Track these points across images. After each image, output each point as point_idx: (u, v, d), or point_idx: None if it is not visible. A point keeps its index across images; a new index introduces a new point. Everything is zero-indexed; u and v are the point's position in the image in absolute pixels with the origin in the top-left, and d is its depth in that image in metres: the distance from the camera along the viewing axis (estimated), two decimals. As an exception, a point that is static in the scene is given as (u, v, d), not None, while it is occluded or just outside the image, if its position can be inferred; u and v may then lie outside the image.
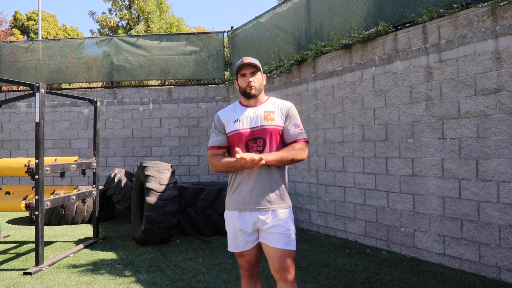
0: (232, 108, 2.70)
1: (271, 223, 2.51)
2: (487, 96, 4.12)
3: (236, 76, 2.68)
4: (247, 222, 2.55)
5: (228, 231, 2.65)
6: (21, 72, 10.13)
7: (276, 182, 2.57)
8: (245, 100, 2.67)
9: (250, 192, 2.53)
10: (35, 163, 4.64)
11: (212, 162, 2.61)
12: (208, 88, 9.45)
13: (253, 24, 8.53)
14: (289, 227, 2.54)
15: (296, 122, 2.62)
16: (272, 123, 2.56)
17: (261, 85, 2.65)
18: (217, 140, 2.63)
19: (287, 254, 2.49)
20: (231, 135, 2.60)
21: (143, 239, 5.51)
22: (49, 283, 4.10)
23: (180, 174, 9.23)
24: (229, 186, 2.65)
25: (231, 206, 2.61)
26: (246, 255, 2.61)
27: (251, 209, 2.53)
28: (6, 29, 28.21)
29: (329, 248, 5.39)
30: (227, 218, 2.65)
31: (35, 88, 4.64)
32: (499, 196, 4.02)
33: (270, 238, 2.51)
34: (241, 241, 2.58)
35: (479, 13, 4.16)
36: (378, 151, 5.36)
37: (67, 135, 9.64)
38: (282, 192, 2.58)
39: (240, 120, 2.60)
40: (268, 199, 2.53)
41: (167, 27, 18.09)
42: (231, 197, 2.62)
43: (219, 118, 2.67)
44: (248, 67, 2.62)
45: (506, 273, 3.96)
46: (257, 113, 2.60)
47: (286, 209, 2.58)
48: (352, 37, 5.55)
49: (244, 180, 2.55)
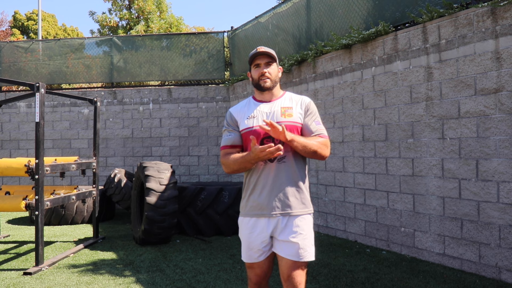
0: (245, 104, 2.46)
1: (287, 231, 2.29)
2: (487, 96, 4.12)
3: (249, 67, 2.44)
4: (263, 230, 2.32)
5: (242, 239, 2.42)
6: (21, 72, 10.13)
7: (297, 183, 2.33)
8: (259, 95, 2.44)
9: (267, 195, 2.30)
10: (35, 163, 4.64)
11: (225, 162, 2.35)
12: (208, 88, 9.45)
13: (253, 24, 8.54)
14: (306, 236, 2.31)
15: (317, 119, 2.39)
16: (290, 120, 2.32)
17: (277, 77, 2.41)
18: (230, 138, 2.38)
19: (298, 266, 2.29)
20: (244, 132, 2.35)
21: (143, 239, 5.51)
22: (49, 283, 4.10)
23: (180, 174, 9.23)
24: (244, 189, 2.41)
25: (247, 211, 2.37)
26: (256, 267, 2.40)
27: (268, 215, 2.30)
28: (6, 29, 28.21)
29: (329, 248, 5.39)
30: (241, 225, 2.41)
31: (35, 88, 4.64)
32: (499, 196, 4.02)
33: (283, 248, 2.30)
34: (255, 252, 2.36)
35: (479, 13, 4.16)
36: (378, 151, 5.36)
37: (67, 135, 9.64)
38: (303, 196, 2.35)
39: (255, 117, 2.35)
40: (287, 203, 2.30)
41: (167, 27, 18.10)
42: (246, 201, 2.38)
43: (232, 115, 2.43)
44: (262, 57, 2.38)
45: (506, 273, 3.96)
46: (273, 109, 2.36)
47: (306, 214, 2.34)
48: (352, 37, 5.55)
49: (260, 181, 2.32)
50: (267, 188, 2.29)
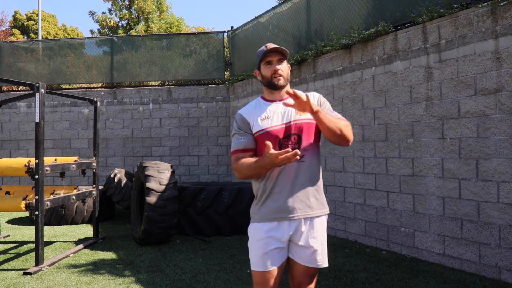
0: (255, 105, 2.32)
1: (307, 236, 2.22)
2: (487, 96, 4.12)
3: (258, 65, 2.30)
4: (283, 234, 2.21)
5: (255, 246, 2.24)
6: (21, 72, 10.14)
7: (315, 183, 2.25)
8: (269, 94, 2.31)
9: (288, 197, 2.18)
10: (35, 163, 4.64)
11: (237, 168, 2.20)
12: (208, 88, 9.45)
13: (253, 24, 8.54)
14: (324, 241, 2.29)
15: (331, 109, 2.29)
16: (306, 117, 2.21)
17: (288, 75, 2.30)
18: (242, 142, 2.23)
19: (312, 272, 2.26)
20: (259, 135, 2.22)
21: (143, 239, 5.51)
22: (49, 283, 4.10)
23: (180, 174, 9.23)
24: (258, 194, 2.26)
25: (263, 217, 2.23)
26: (269, 277, 2.21)
27: (289, 218, 2.20)
28: (6, 29, 28.21)
29: (329, 248, 5.37)
30: (255, 231, 2.25)
31: (35, 88, 4.64)
32: (499, 196, 4.02)
33: (301, 253, 2.23)
34: (271, 258, 2.21)
35: (479, 13, 4.16)
36: (378, 151, 5.36)
37: (67, 135, 9.64)
38: (321, 196, 2.29)
39: (269, 117, 2.23)
40: (308, 204, 2.22)
41: (167, 27, 18.10)
42: (262, 206, 2.23)
43: (243, 117, 2.28)
44: (274, 54, 2.25)
45: (506, 273, 3.96)
46: (287, 108, 2.24)
47: (324, 216, 2.31)
48: (352, 37, 5.55)
49: (279, 183, 2.19)
50: (286, 189, 2.18)
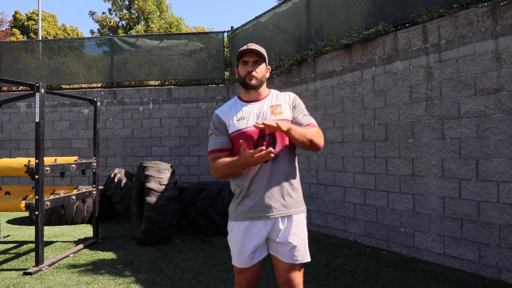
0: (231, 105, 2.37)
1: (285, 232, 2.25)
2: (487, 96, 4.12)
3: (237, 63, 2.37)
4: (259, 232, 2.26)
5: (233, 243, 2.34)
6: (21, 72, 10.13)
7: (292, 182, 2.29)
8: (245, 94, 2.37)
9: (263, 196, 2.23)
10: (35, 163, 4.64)
11: (214, 167, 2.27)
12: (208, 88, 9.45)
13: (253, 24, 8.54)
14: (303, 236, 2.31)
15: (305, 111, 2.37)
16: (281, 117, 2.27)
17: (264, 77, 2.35)
18: (218, 142, 2.30)
19: (296, 268, 2.27)
20: (235, 135, 2.27)
21: (143, 239, 5.51)
22: (49, 283, 4.10)
23: (180, 174, 9.23)
24: (236, 192, 2.32)
25: (239, 215, 2.29)
26: (247, 272, 2.32)
27: (265, 217, 2.24)
28: (6, 29, 28.22)
29: (329, 248, 5.38)
30: (233, 229, 2.32)
31: (35, 88, 4.64)
32: (499, 196, 4.02)
33: (280, 250, 2.26)
34: (247, 256, 2.28)
35: (479, 13, 4.16)
36: (378, 151, 5.36)
37: (67, 135, 9.64)
38: (298, 194, 2.32)
39: (244, 118, 2.28)
40: (284, 203, 2.26)
41: (167, 27, 18.09)
42: (238, 205, 2.29)
43: (219, 117, 2.34)
44: (251, 55, 2.31)
45: (506, 273, 3.96)
46: (263, 109, 2.31)
47: (302, 213, 2.33)
48: (352, 37, 5.55)
49: (254, 183, 2.24)
50: (262, 189, 2.23)
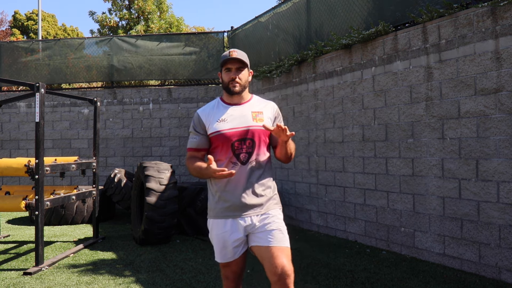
0: (214, 106, 2.46)
1: (262, 222, 2.34)
2: (487, 96, 4.12)
3: (221, 68, 2.45)
4: (237, 230, 2.36)
5: (215, 241, 2.45)
6: (21, 72, 10.13)
7: (267, 183, 2.41)
8: (228, 97, 2.45)
9: (240, 196, 2.33)
10: (35, 163, 4.64)
11: (188, 166, 2.41)
12: (208, 88, 9.45)
13: (253, 24, 8.53)
14: (282, 224, 2.37)
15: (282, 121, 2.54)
16: (261, 124, 2.37)
17: (246, 82, 2.44)
18: (195, 141, 2.42)
19: (284, 252, 2.29)
20: (214, 136, 2.38)
21: (143, 239, 5.51)
22: (49, 283, 4.10)
23: (180, 174, 9.23)
24: (212, 191, 2.44)
25: (217, 213, 2.41)
26: (233, 265, 2.42)
27: (241, 216, 2.35)
28: (6, 29, 28.22)
29: (329, 248, 5.39)
30: (212, 227, 2.45)
31: (35, 88, 4.64)
32: (499, 196, 4.02)
33: (263, 237, 2.31)
34: (230, 251, 2.39)
35: (479, 13, 4.16)
36: (378, 151, 5.36)
37: (67, 135, 9.64)
38: (273, 193, 2.44)
39: (225, 120, 2.37)
40: (259, 203, 2.36)
41: (167, 27, 18.09)
42: (216, 204, 2.41)
43: (200, 118, 2.43)
44: (234, 62, 2.39)
45: (506, 273, 3.96)
46: (244, 113, 2.40)
47: (277, 209, 2.43)
48: (352, 37, 5.55)
49: (231, 183, 2.34)
50: (238, 189, 2.33)
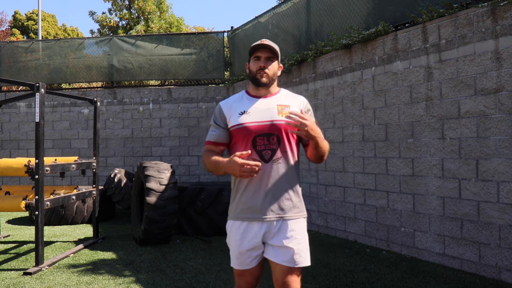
0: (238, 98, 2.29)
1: (281, 235, 2.15)
2: (487, 96, 4.12)
3: (249, 58, 2.27)
4: (256, 235, 2.17)
5: (231, 245, 2.26)
6: (21, 72, 10.13)
7: (292, 185, 2.19)
8: (254, 90, 2.27)
9: (261, 197, 2.15)
10: (35, 163, 4.64)
11: (204, 159, 2.23)
12: (208, 88, 9.45)
13: (253, 24, 8.54)
14: (301, 240, 2.19)
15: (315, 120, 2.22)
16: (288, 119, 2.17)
17: (275, 75, 2.25)
18: (214, 134, 2.24)
19: (293, 272, 2.15)
20: (235, 129, 2.19)
21: (143, 239, 5.51)
22: (49, 283, 4.10)
23: (180, 174, 9.23)
24: (234, 189, 2.24)
25: (237, 214, 2.21)
26: (248, 274, 2.24)
27: (261, 219, 2.15)
28: (6, 29, 28.21)
29: (329, 248, 5.38)
30: (231, 229, 2.24)
31: (35, 88, 4.64)
32: (499, 196, 4.02)
33: (276, 253, 2.15)
34: (247, 258, 2.20)
35: (479, 13, 4.16)
36: (378, 151, 5.36)
37: (67, 135, 9.64)
38: (298, 199, 2.22)
39: (248, 113, 2.19)
40: (281, 207, 2.16)
41: (167, 27, 18.09)
42: (237, 204, 2.21)
43: (221, 110, 2.26)
44: (265, 50, 2.22)
45: (506, 273, 3.96)
46: (269, 106, 2.21)
47: (301, 218, 2.22)
48: (352, 37, 5.55)
49: (253, 182, 2.15)
50: (261, 190, 2.14)
